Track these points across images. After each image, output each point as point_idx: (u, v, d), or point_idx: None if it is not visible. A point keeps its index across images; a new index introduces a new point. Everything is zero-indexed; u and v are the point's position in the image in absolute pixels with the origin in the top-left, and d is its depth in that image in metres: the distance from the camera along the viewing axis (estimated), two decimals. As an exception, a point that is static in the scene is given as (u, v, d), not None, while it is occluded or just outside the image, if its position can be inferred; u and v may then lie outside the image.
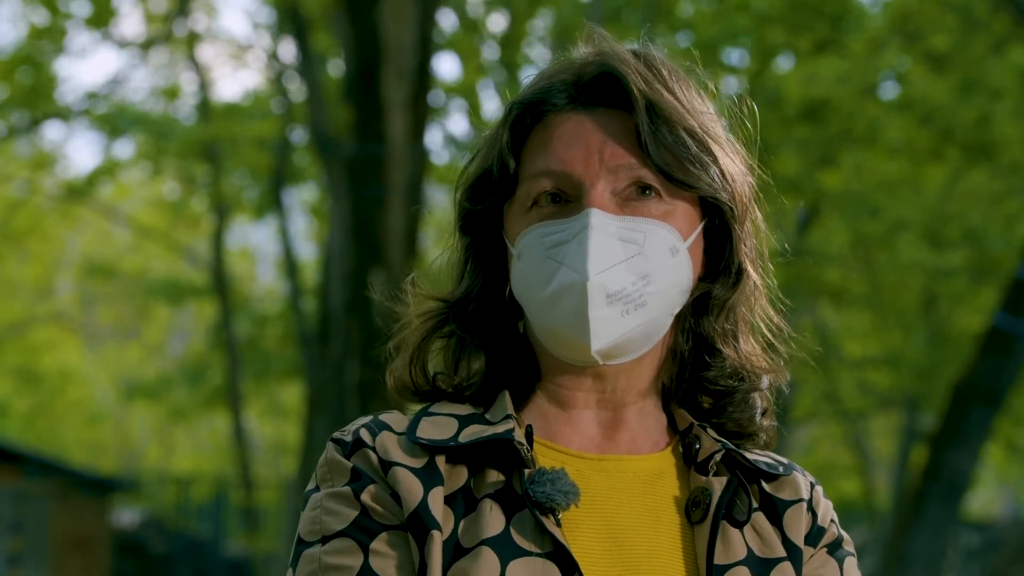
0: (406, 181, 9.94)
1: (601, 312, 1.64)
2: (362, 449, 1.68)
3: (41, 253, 28.32)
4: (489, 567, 1.61)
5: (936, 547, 10.68)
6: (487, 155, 1.74)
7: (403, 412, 1.75)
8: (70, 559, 20.00)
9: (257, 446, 27.50)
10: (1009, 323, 10.51)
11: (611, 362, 1.69)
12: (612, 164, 1.67)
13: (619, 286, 1.65)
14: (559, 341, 1.69)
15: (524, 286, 1.70)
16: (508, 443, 1.67)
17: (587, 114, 1.70)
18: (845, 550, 1.78)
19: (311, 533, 1.67)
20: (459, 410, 1.73)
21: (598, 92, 1.71)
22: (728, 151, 1.73)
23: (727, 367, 1.76)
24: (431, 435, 1.69)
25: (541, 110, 1.72)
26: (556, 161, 1.69)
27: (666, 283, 1.68)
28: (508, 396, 1.73)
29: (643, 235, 1.66)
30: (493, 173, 1.72)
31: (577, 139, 1.69)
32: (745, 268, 1.74)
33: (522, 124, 1.73)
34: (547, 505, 1.63)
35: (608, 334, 1.66)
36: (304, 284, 19.99)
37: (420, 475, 1.66)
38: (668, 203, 1.68)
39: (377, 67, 9.99)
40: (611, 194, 1.67)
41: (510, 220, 1.73)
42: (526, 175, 1.71)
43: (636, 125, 1.67)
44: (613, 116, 1.70)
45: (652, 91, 1.69)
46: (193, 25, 18.68)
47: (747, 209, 1.74)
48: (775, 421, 1.80)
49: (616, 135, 1.68)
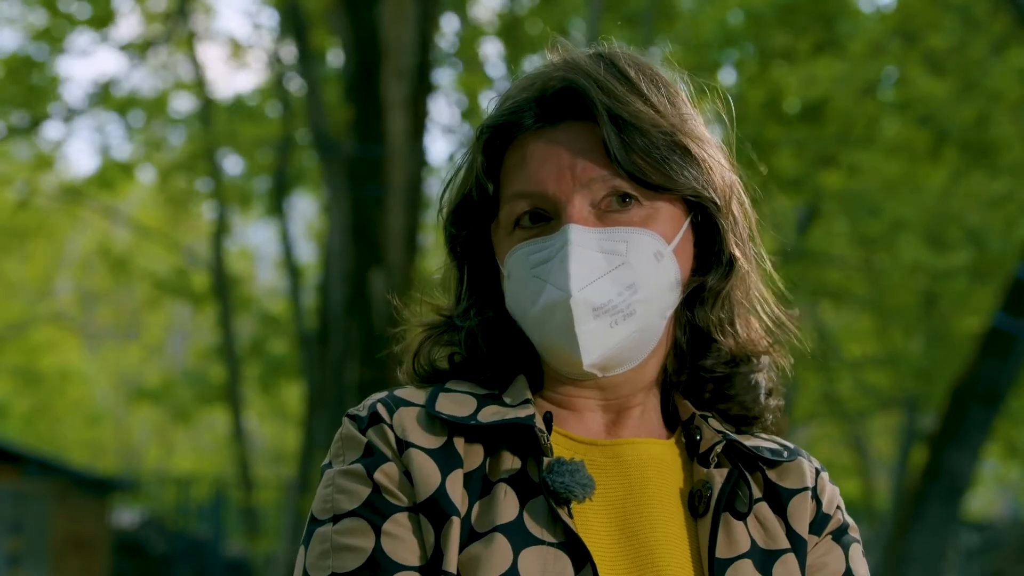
0: (406, 181, 9.94)
1: (588, 326, 1.65)
2: (379, 424, 1.68)
3: (41, 253, 28.32)
4: (501, 554, 1.62)
5: (936, 547, 10.68)
6: (465, 180, 1.75)
7: (418, 388, 1.74)
8: (70, 559, 20.00)
9: (257, 446, 27.50)
10: (1009, 323, 10.51)
11: (610, 374, 1.70)
12: (585, 178, 1.67)
13: (604, 299, 1.65)
14: (554, 357, 1.70)
15: (516, 305, 1.71)
16: (528, 429, 1.67)
17: (555, 129, 1.70)
18: (851, 536, 1.78)
19: (323, 511, 1.67)
20: (475, 389, 1.73)
21: (563, 107, 1.71)
22: (706, 146, 1.72)
23: (724, 354, 1.76)
24: (450, 411, 1.69)
25: (511, 132, 1.72)
26: (531, 182, 1.69)
27: (654, 289, 1.68)
28: (525, 380, 1.73)
29: (625, 244, 1.67)
30: (473, 198, 1.73)
31: (548, 157, 1.69)
32: (736, 257, 1.74)
33: (494, 146, 1.73)
34: (564, 496, 1.64)
35: (598, 347, 1.66)
36: (304, 284, 20.00)
37: (437, 457, 1.66)
38: (648, 207, 1.68)
39: (377, 67, 9.99)
40: (589, 207, 1.67)
41: (497, 240, 1.74)
42: (505, 198, 1.71)
43: (603, 136, 1.67)
44: (582, 129, 1.70)
45: (616, 98, 1.68)
46: (193, 25, 18.68)
47: (730, 199, 1.74)
48: (782, 400, 1.80)
49: (585, 148, 1.68)
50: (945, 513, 10.72)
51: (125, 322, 31.68)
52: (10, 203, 20.78)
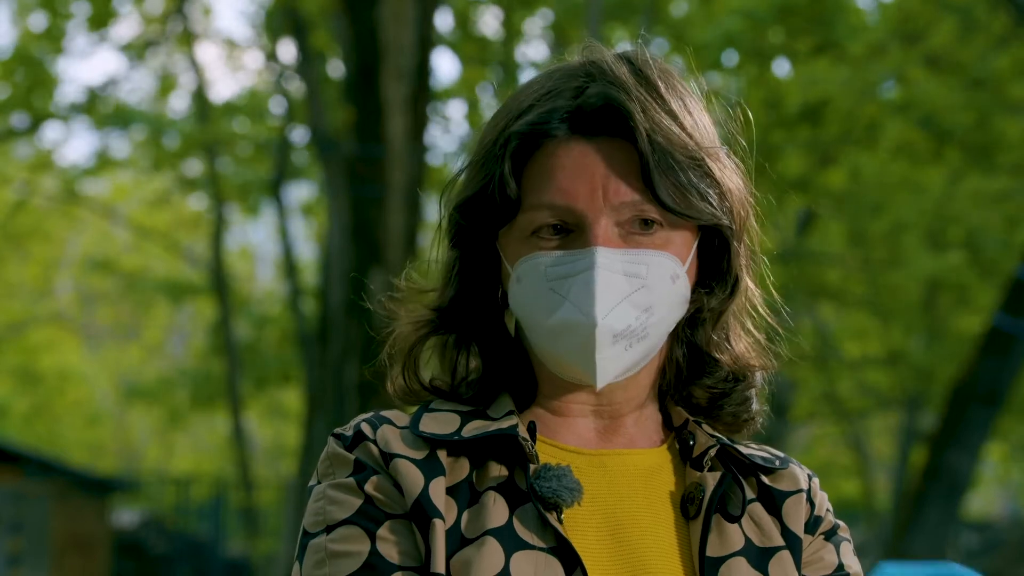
0: (405, 181, 9.95)
1: (607, 353, 1.65)
2: (363, 442, 1.69)
3: (41, 253, 28.32)
4: (493, 557, 1.62)
5: (936, 547, 10.69)
6: (481, 175, 1.72)
7: (404, 411, 1.75)
8: (70, 559, 20.01)
9: (257, 447, 27.50)
10: (1009, 323, 10.52)
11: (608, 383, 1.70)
12: (616, 201, 1.66)
13: (624, 324, 1.65)
14: (562, 369, 1.70)
15: (524, 311, 1.70)
16: (511, 439, 1.67)
17: (588, 143, 1.68)
18: (841, 535, 1.79)
19: (315, 524, 1.68)
20: (460, 407, 1.74)
21: (600, 121, 1.68)
22: (727, 171, 1.72)
23: (723, 372, 1.76)
24: (433, 429, 1.69)
25: (539, 139, 1.69)
26: (560, 194, 1.67)
27: (667, 311, 1.68)
28: (509, 396, 1.74)
29: (646, 267, 1.66)
30: (495, 198, 1.70)
31: (580, 171, 1.67)
32: (742, 279, 1.74)
33: (521, 150, 1.70)
34: (552, 501, 1.64)
35: (613, 370, 1.67)
36: (304, 284, 20.00)
37: (421, 466, 1.66)
38: (669, 232, 1.68)
39: (377, 67, 9.99)
40: (614, 226, 1.66)
41: (508, 241, 1.72)
42: (528, 205, 1.69)
43: (641, 161, 1.65)
44: (615, 146, 1.67)
45: (652, 121, 1.66)
46: (190, 25, 18.68)
47: (744, 223, 1.74)
48: (766, 406, 1.80)
49: (619, 169, 1.66)
50: (945, 513, 10.72)
51: (125, 322, 31.68)
52: (10, 203, 20.79)
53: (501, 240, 1.73)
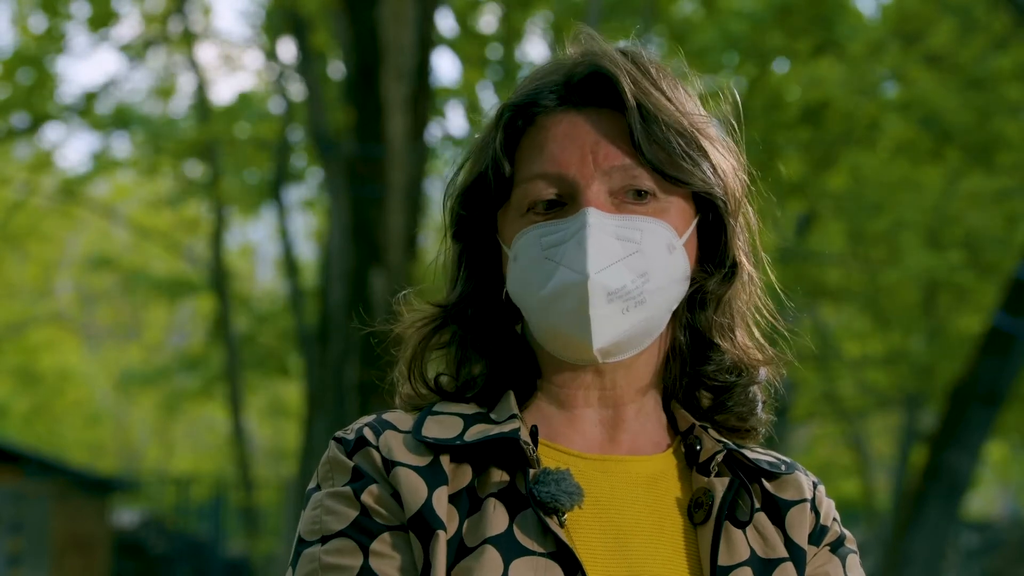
0: (406, 181, 9.95)
1: (602, 310, 1.65)
2: (365, 448, 1.68)
3: (40, 253, 28.33)
4: (492, 565, 1.62)
5: (936, 547, 10.69)
6: (479, 160, 1.74)
7: (406, 413, 1.75)
8: (70, 559, 20.01)
9: (257, 446, 27.50)
10: (1009, 323, 10.52)
11: (611, 360, 1.69)
12: (607, 166, 1.68)
13: (619, 284, 1.65)
14: (559, 341, 1.69)
15: (521, 287, 1.70)
16: (513, 442, 1.67)
17: (578, 114, 1.71)
18: (847, 547, 1.78)
19: (311, 532, 1.67)
20: (464, 409, 1.73)
21: (588, 92, 1.71)
22: (719, 147, 1.73)
23: (725, 361, 1.76)
24: (436, 434, 1.69)
25: (532, 112, 1.72)
26: (551, 163, 1.69)
27: (664, 280, 1.68)
28: (513, 396, 1.73)
29: (640, 233, 1.67)
30: (488, 177, 1.72)
31: (570, 140, 1.69)
32: (740, 261, 1.75)
33: (514, 127, 1.73)
34: (551, 505, 1.64)
35: (609, 332, 1.66)
36: (304, 284, 19.99)
37: (424, 474, 1.66)
38: (663, 201, 1.69)
39: (377, 67, 9.99)
40: (607, 194, 1.68)
41: (505, 223, 1.73)
42: (521, 178, 1.71)
43: (629, 125, 1.68)
44: (604, 115, 1.70)
45: (642, 90, 1.69)
46: (190, 25, 18.68)
47: (740, 203, 1.75)
48: (772, 415, 1.80)
49: (609, 135, 1.69)
50: (945, 513, 10.72)
51: (125, 322, 31.69)
52: (10, 203, 20.79)
53: (500, 226, 1.74)
